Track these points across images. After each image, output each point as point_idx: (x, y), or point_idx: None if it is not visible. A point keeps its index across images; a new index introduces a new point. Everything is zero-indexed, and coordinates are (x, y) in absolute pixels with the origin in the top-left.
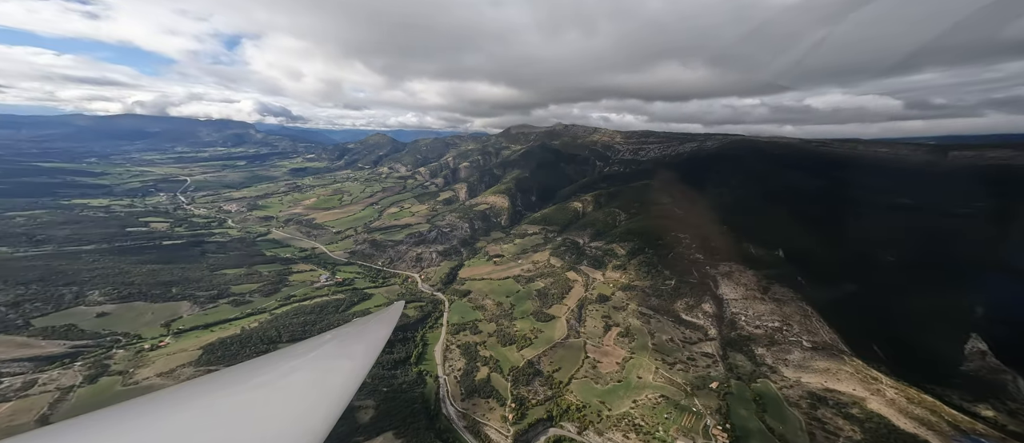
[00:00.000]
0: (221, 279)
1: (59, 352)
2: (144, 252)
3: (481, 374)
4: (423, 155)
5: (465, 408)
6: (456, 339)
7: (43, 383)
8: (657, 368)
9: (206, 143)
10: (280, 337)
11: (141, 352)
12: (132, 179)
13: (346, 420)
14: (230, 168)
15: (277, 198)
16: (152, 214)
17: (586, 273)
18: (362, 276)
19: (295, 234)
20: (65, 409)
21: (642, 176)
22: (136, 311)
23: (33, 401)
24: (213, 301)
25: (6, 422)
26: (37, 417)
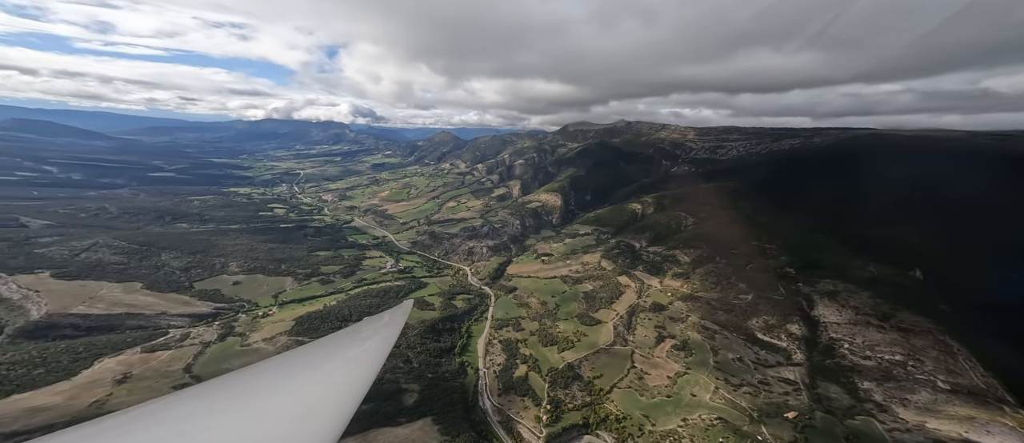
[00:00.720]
0: (314, 259)
1: (206, 311)
2: (267, 233)
3: (519, 371)
4: (481, 152)
5: (501, 403)
6: (499, 334)
7: (192, 337)
8: (717, 387)
9: (315, 141)
10: (350, 315)
11: (256, 318)
12: (266, 172)
13: (392, 400)
14: (330, 163)
15: (360, 190)
16: (275, 201)
17: (640, 279)
18: (420, 265)
19: (371, 223)
20: (201, 361)
21: (719, 176)
22: (257, 282)
23: (183, 352)
24: (307, 278)
25: (165, 367)
26: (184, 366)
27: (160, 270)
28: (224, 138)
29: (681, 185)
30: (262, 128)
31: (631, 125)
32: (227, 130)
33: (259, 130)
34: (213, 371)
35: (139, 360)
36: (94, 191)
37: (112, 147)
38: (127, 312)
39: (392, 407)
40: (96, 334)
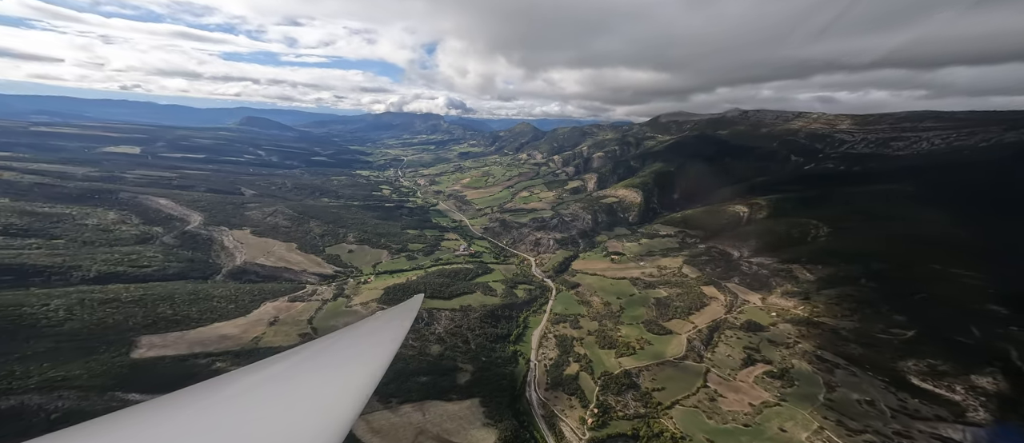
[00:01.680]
0: (405, 237)
1: (329, 273)
2: (375, 210)
3: (570, 369)
4: (559, 143)
5: (547, 398)
6: (555, 329)
7: (317, 294)
8: (821, 428)
9: (417, 131)
10: (426, 290)
11: (359, 284)
12: (381, 158)
13: (447, 377)
14: (426, 151)
15: (446, 176)
16: (384, 183)
17: (733, 292)
18: (489, 251)
19: (452, 207)
20: (319, 316)
21: (888, 177)
22: (364, 252)
23: (310, 306)
24: (398, 253)
25: (298, 316)
26: (308, 318)
27: (308, 235)
28: (358, 128)
29: (815, 186)
30: (382, 120)
31: (747, 115)
32: (360, 122)
33: (380, 122)
34: (325, 327)
35: (284, 307)
36: (281, 170)
37: (293, 137)
38: (285, 267)
39: (446, 383)
40: (265, 282)
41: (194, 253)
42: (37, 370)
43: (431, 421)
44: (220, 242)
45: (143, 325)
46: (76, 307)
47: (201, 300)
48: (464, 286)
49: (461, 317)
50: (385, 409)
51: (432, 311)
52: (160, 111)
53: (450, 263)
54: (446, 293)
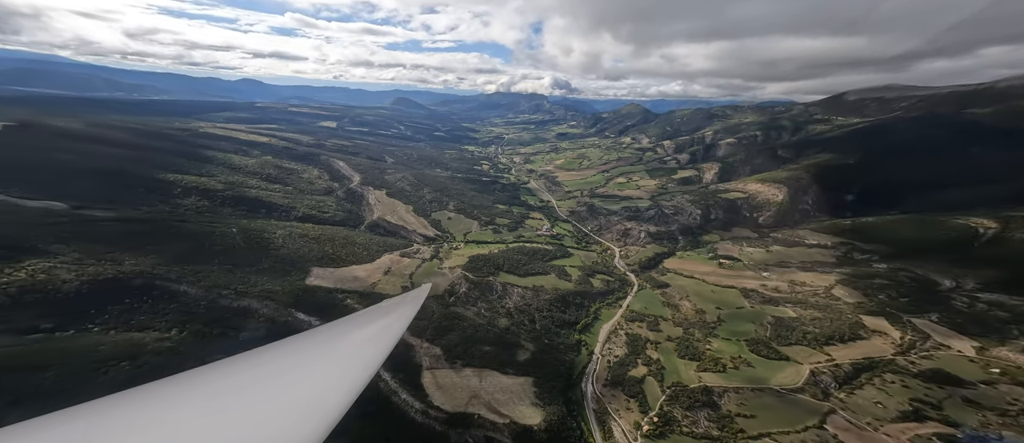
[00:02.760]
0: (494, 211)
1: (431, 235)
2: (474, 183)
3: (636, 371)
4: (674, 127)
5: (602, 393)
6: (628, 326)
7: (419, 253)
8: None
9: (521, 111)
10: (503, 266)
11: (450, 250)
12: (486, 135)
13: (509, 350)
14: (526, 130)
15: (541, 156)
16: (484, 159)
17: (922, 331)
18: (571, 235)
19: (541, 187)
20: (417, 273)
21: None
22: (459, 221)
23: (412, 263)
24: (486, 225)
25: (402, 270)
26: (409, 273)
27: (421, 199)
28: (471, 108)
29: None
30: (491, 100)
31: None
32: (474, 101)
33: (490, 101)
34: (420, 282)
35: (396, 260)
36: (413, 143)
37: (424, 115)
38: (402, 225)
39: (506, 356)
40: (388, 236)
41: (351, 206)
42: (259, 281)
43: (485, 388)
44: (367, 199)
45: (316, 258)
46: (288, 238)
47: (349, 245)
48: (540, 266)
49: (532, 296)
50: (450, 369)
51: (506, 286)
52: (350, 94)
53: (531, 241)
54: (521, 270)
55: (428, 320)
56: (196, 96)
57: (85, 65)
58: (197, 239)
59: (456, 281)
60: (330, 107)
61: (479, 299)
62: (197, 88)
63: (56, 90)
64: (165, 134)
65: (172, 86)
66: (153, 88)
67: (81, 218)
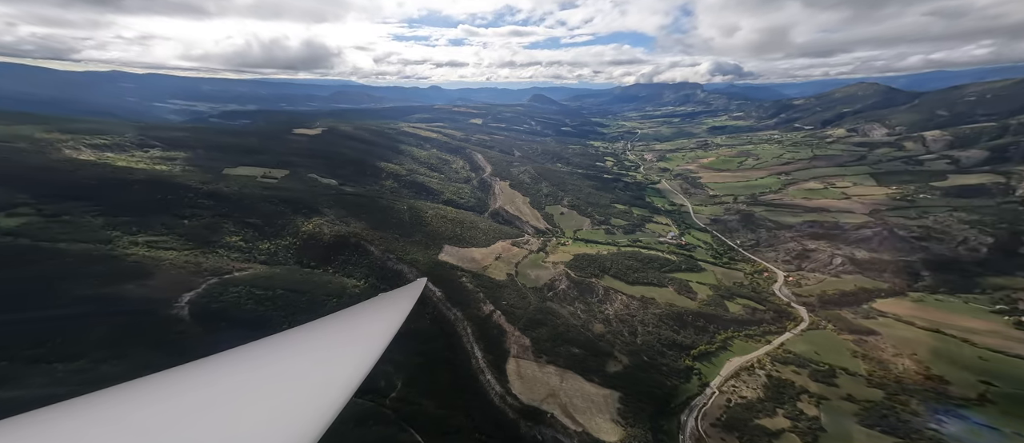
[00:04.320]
0: (610, 210)
1: (541, 228)
2: (594, 179)
3: (771, 421)
4: (952, 110)
5: (707, 432)
6: (775, 368)
7: (527, 244)
8: None
9: (663, 103)
10: (610, 269)
11: (557, 245)
12: (616, 130)
13: (598, 358)
14: (667, 124)
15: (682, 153)
16: (609, 155)
17: None
18: (707, 248)
19: (675, 188)
20: (522, 264)
21: None
22: (571, 217)
23: (519, 252)
24: (599, 225)
25: (511, 258)
26: (516, 262)
27: (538, 193)
28: (604, 102)
29: None
30: (628, 92)
31: None
32: (607, 95)
33: (626, 94)
34: (523, 272)
35: (507, 249)
36: (540, 138)
37: (554, 110)
38: (518, 215)
39: (594, 364)
40: (504, 225)
41: (481, 194)
42: (410, 251)
43: (565, 390)
44: (493, 188)
45: (449, 237)
46: (434, 217)
47: (473, 228)
48: (655, 276)
49: (638, 307)
50: (534, 362)
51: (609, 290)
52: (496, 93)
53: (649, 248)
54: (630, 277)
55: (524, 310)
56: (403, 102)
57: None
58: (384, 212)
59: (557, 277)
60: (479, 106)
61: (577, 299)
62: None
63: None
64: (384, 132)
65: (393, 95)
66: (384, 98)
67: (340, 192)
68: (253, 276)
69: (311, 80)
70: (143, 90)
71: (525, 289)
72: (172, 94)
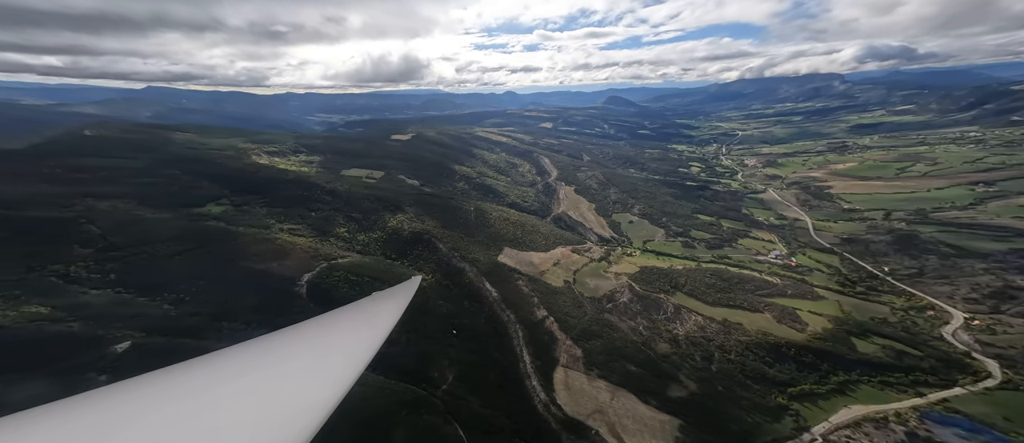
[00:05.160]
0: (692, 221)
1: (606, 236)
2: (673, 187)
3: None
4: None
5: None
6: (921, 425)
7: (589, 252)
8: None
9: (779, 99)
10: (684, 286)
11: (623, 254)
12: (707, 132)
13: (660, 380)
14: (781, 124)
15: (802, 158)
16: (696, 160)
17: None
18: (831, 273)
19: (789, 200)
20: (580, 272)
21: None
22: (641, 226)
23: (579, 260)
24: (675, 236)
25: (570, 265)
26: (575, 269)
27: (605, 199)
28: (694, 101)
29: None
30: (730, 89)
31: None
32: (698, 94)
33: (725, 91)
34: (581, 280)
35: (566, 255)
36: (612, 141)
37: (632, 113)
38: (581, 221)
39: (653, 386)
40: (565, 230)
41: (545, 198)
42: (472, 250)
43: (614, 409)
44: (558, 193)
45: (509, 239)
46: (497, 219)
47: (534, 232)
48: (745, 299)
49: (718, 331)
50: (584, 374)
51: (680, 309)
52: (569, 97)
53: (741, 266)
54: (710, 297)
55: (578, 319)
56: (480, 107)
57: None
58: (454, 212)
59: (618, 289)
60: (550, 110)
61: (640, 314)
62: (483, 102)
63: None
64: (460, 137)
65: (472, 102)
66: (465, 104)
67: (420, 192)
68: (350, 263)
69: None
70: (302, 106)
71: (582, 298)
72: (318, 109)
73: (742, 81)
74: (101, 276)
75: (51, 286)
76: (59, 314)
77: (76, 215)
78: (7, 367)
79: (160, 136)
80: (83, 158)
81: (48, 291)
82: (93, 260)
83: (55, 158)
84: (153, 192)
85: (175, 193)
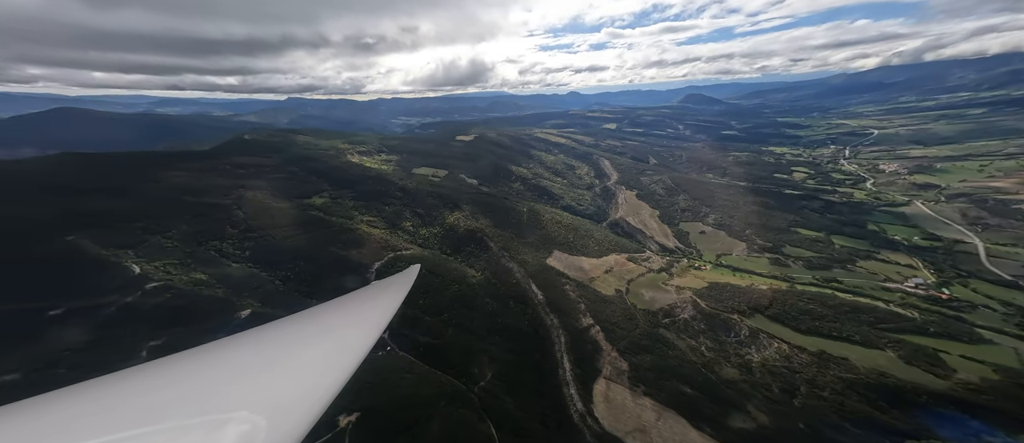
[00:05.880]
0: (788, 236)
1: (670, 246)
2: (765, 195)
3: None
4: None
5: None
6: None
7: (648, 262)
8: None
9: (946, 88)
10: (766, 308)
11: (688, 267)
12: (824, 131)
13: (721, 407)
14: (950, 118)
15: (977, 162)
16: (802, 164)
17: None
18: (1009, 313)
19: (947, 216)
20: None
21: None
22: (716, 238)
23: (635, 269)
24: (761, 252)
25: (624, 274)
26: (629, 279)
27: (672, 206)
28: (804, 96)
29: None
30: (865, 79)
31: None
32: (815, 87)
33: (857, 82)
34: (634, 290)
35: (621, 263)
36: (688, 143)
37: (716, 111)
38: (641, 229)
39: (709, 411)
40: (622, 237)
41: (602, 202)
42: (522, 251)
43: (660, 430)
44: (617, 197)
45: (559, 243)
46: (549, 221)
47: (586, 237)
48: (857, 331)
49: (808, 363)
50: (628, 389)
51: (758, 332)
52: (640, 96)
53: (857, 293)
54: (803, 324)
55: (628, 331)
56: (541, 109)
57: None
58: (507, 212)
59: (680, 303)
60: (615, 110)
61: (703, 334)
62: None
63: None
64: (519, 138)
65: (535, 103)
66: (527, 106)
67: (478, 191)
68: (412, 255)
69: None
70: (388, 110)
71: (634, 309)
72: (400, 112)
73: (885, 69)
74: (240, 252)
75: (210, 258)
76: (212, 281)
77: (231, 202)
78: (175, 320)
79: (288, 139)
80: (241, 157)
81: (208, 262)
82: (237, 239)
83: (224, 157)
84: (279, 185)
85: (293, 186)
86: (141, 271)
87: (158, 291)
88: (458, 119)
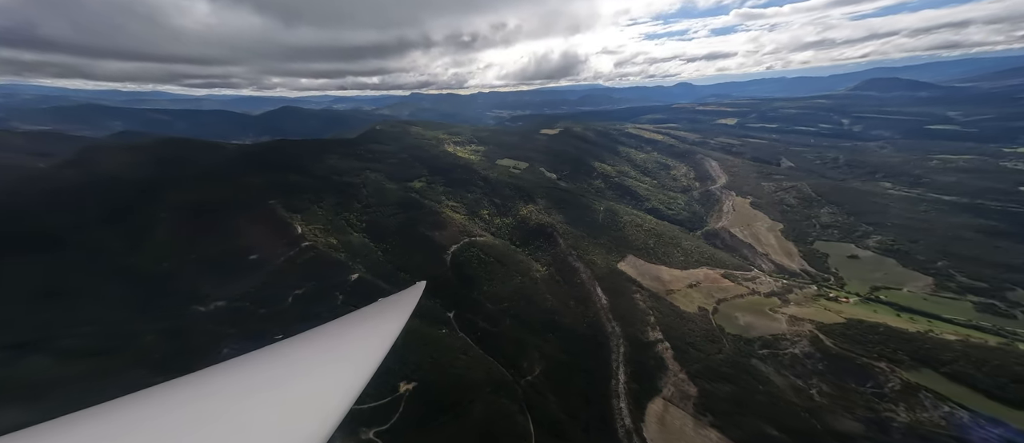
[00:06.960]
0: (1013, 274)
1: (792, 269)
2: (991, 215)
3: None
4: None
5: None
6: None
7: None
8: None
9: None
10: (940, 364)
11: (816, 296)
12: None
13: None
14: None
15: None
16: None
17: None
18: None
19: None
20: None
21: None
22: (878, 266)
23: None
24: (962, 293)
25: (715, 293)
26: (719, 298)
27: (806, 221)
28: None
29: None
30: None
31: None
32: None
33: None
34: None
35: (713, 278)
36: (851, 141)
37: (918, 99)
38: (751, 244)
39: None
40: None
41: (700, 208)
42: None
43: None
44: (722, 204)
45: (636, 247)
46: (628, 224)
47: (671, 245)
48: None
49: None
50: (691, 416)
51: (917, 389)
52: (782, 84)
53: None
54: (1009, 391)
55: (706, 353)
56: (641, 102)
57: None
58: (582, 209)
59: (791, 335)
60: (739, 103)
61: (820, 375)
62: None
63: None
64: (607, 133)
65: (633, 96)
66: (624, 99)
67: (555, 185)
68: (484, 243)
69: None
70: (485, 103)
71: (720, 332)
72: (494, 105)
73: None
74: (360, 223)
75: (341, 226)
76: (338, 247)
77: (360, 182)
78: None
79: (405, 130)
80: (371, 145)
81: (339, 230)
82: (361, 213)
83: (362, 145)
84: (393, 169)
85: (402, 170)
86: (301, 232)
87: (307, 250)
88: (548, 113)
